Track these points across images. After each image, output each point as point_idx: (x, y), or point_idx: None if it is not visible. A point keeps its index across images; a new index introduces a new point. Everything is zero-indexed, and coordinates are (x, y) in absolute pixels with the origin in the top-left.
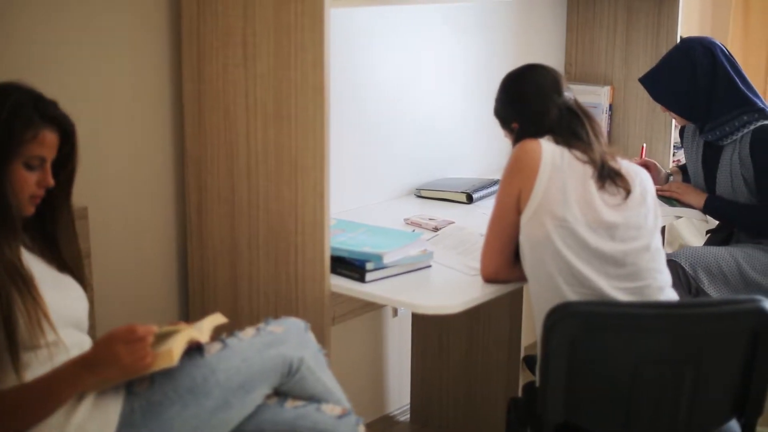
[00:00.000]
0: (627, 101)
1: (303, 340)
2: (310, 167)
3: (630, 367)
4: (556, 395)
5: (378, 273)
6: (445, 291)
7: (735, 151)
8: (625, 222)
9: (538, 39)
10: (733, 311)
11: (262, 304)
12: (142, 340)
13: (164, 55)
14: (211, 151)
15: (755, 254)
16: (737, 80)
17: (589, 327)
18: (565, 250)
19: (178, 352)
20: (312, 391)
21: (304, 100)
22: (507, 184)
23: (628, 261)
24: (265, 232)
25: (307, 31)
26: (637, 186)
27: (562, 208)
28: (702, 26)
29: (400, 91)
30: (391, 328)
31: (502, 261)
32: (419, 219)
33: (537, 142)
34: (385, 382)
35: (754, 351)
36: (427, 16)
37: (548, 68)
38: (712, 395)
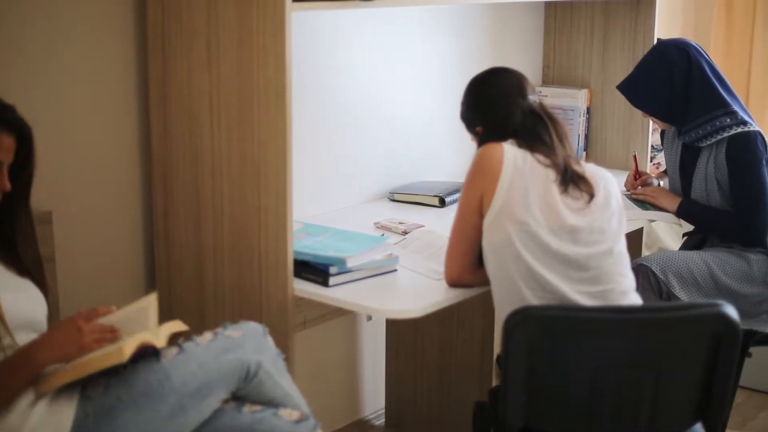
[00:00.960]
0: (604, 104)
1: (261, 344)
2: (273, 171)
3: (590, 372)
4: (517, 399)
5: (342, 277)
6: (409, 295)
7: (711, 155)
8: (588, 226)
9: (515, 42)
10: (694, 315)
11: (227, 308)
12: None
13: (130, 59)
14: (176, 155)
15: (728, 259)
16: (713, 80)
17: (547, 331)
18: (526, 253)
19: (129, 351)
20: (270, 395)
21: (266, 104)
22: (469, 188)
23: (591, 265)
24: (230, 236)
25: (269, 35)
26: (600, 190)
27: (524, 211)
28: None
29: (374, 95)
30: (365, 332)
31: (465, 265)
32: (389, 223)
33: (499, 145)
34: (360, 386)
35: (716, 355)
36: (401, 19)
37: (513, 71)
38: (673, 399)
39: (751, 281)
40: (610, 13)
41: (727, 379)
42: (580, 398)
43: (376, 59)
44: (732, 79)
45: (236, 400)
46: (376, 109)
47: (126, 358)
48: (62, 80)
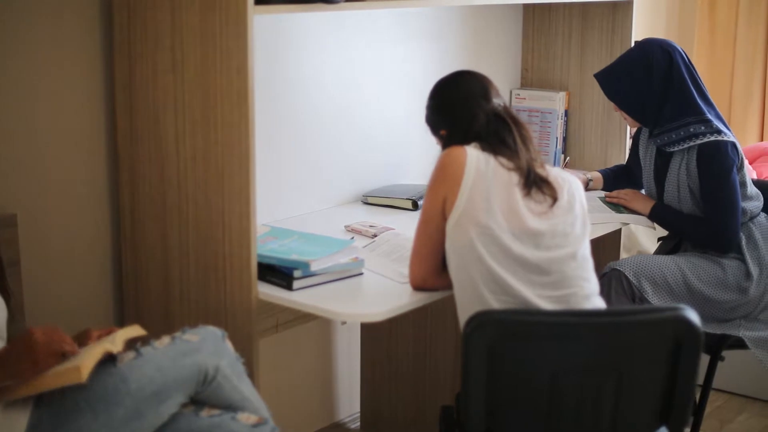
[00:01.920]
0: (583, 107)
1: (219, 348)
2: (236, 174)
3: (549, 376)
4: (477, 403)
5: (306, 281)
6: (373, 298)
7: (683, 161)
8: (551, 230)
9: (494, 45)
10: (655, 320)
11: (193, 311)
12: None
13: (96, 62)
14: (142, 157)
15: (701, 264)
16: (691, 87)
17: (506, 335)
18: (488, 257)
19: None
20: (229, 399)
21: (229, 106)
22: (432, 192)
23: (554, 269)
24: (195, 240)
25: (232, 37)
26: (564, 194)
27: (486, 215)
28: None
29: (347, 98)
30: (340, 335)
31: (429, 268)
32: (359, 226)
33: (462, 148)
34: (335, 389)
35: (678, 359)
36: (375, 22)
37: (477, 74)
38: (635, 404)
39: (724, 287)
40: (588, 16)
41: (690, 383)
42: (540, 402)
43: (351, 62)
44: (715, 82)
45: (195, 404)
46: (350, 113)
47: (84, 379)
48: (28, 84)
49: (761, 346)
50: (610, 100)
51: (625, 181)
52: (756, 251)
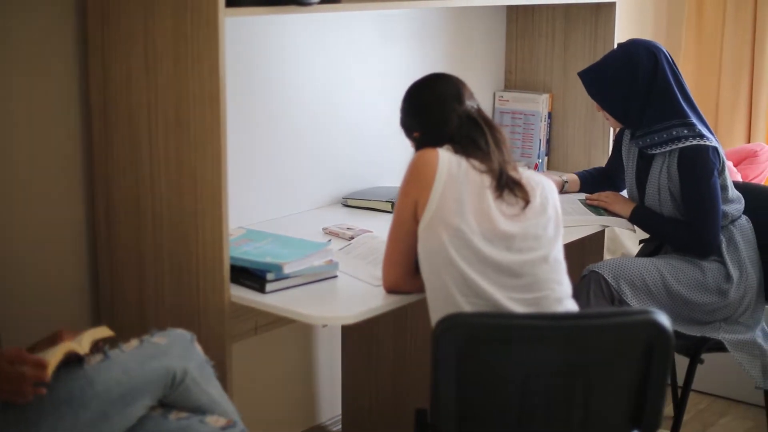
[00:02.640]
0: (566, 109)
1: (187, 351)
2: (209, 176)
3: (520, 379)
4: (448, 406)
5: (279, 283)
6: (345, 301)
7: (664, 165)
8: (523, 232)
9: (477, 47)
10: (625, 323)
11: (167, 314)
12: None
13: (71, 64)
14: (117, 160)
15: (680, 266)
16: (676, 89)
17: (476, 338)
18: (459, 260)
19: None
20: (197, 402)
21: (201, 109)
22: (404, 194)
23: (525, 272)
24: (169, 242)
25: (203, 40)
26: (537, 196)
27: (457, 218)
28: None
29: (328, 100)
30: (321, 337)
31: (402, 271)
32: (337, 228)
33: (434, 151)
34: (317, 392)
35: (649, 363)
36: (356, 23)
37: (450, 77)
38: (607, 407)
39: (704, 289)
40: (571, 18)
41: (661, 386)
42: (511, 405)
43: (331, 64)
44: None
45: (163, 407)
46: (330, 115)
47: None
48: (1, 87)
49: (741, 349)
50: (593, 99)
51: (603, 184)
52: (736, 254)
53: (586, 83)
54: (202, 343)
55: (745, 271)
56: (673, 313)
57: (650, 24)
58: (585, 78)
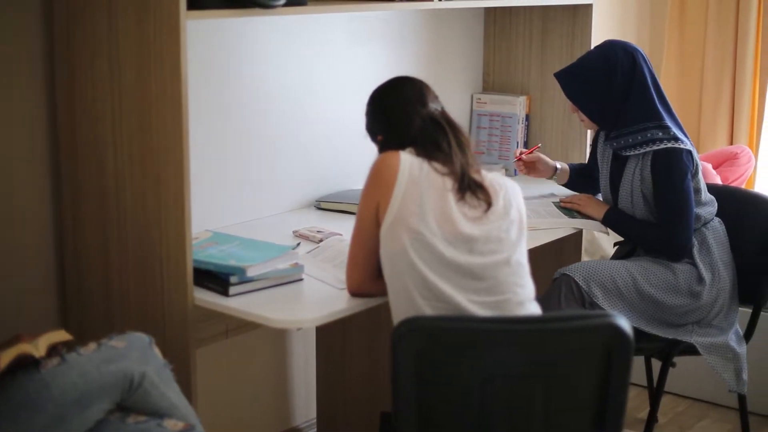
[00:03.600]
0: (543, 111)
1: (146, 355)
2: (172, 180)
3: (479, 382)
4: (408, 410)
5: (243, 287)
6: (308, 304)
7: (637, 167)
8: (485, 235)
9: (455, 49)
10: (584, 326)
11: (133, 317)
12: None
13: (38, 68)
14: (83, 164)
15: (652, 268)
16: (652, 91)
17: (434, 342)
18: (420, 263)
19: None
20: (155, 406)
21: (163, 112)
22: (366, 197)
23: (487, 275)
24: (134, 246)
25: (166, 43)
26: (500, 199)
27: (418, 220)
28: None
29: (302, 103)
30: (296, 340)
31: (365, 274)
32: (307, 231)
33: (396, 154)
34: (291, 394)
35: (609, 366)
36: (330, 25)
37: (414, 80)
38: (568, 410)
39: (676, 292)
40: (548, 20)
41: (623, 389)
42: (471, 409)
43: (305, 66)
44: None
45: (121, 411)
46: (304, 118)
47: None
48: None
49: (713, 352)
50: (570, 99)
51: (586, 182)
52: (709, 256)
53: (563, 84)
54: (166, 347)
55: (718, 273)
56: (645, 315)
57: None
58: (562, 79)
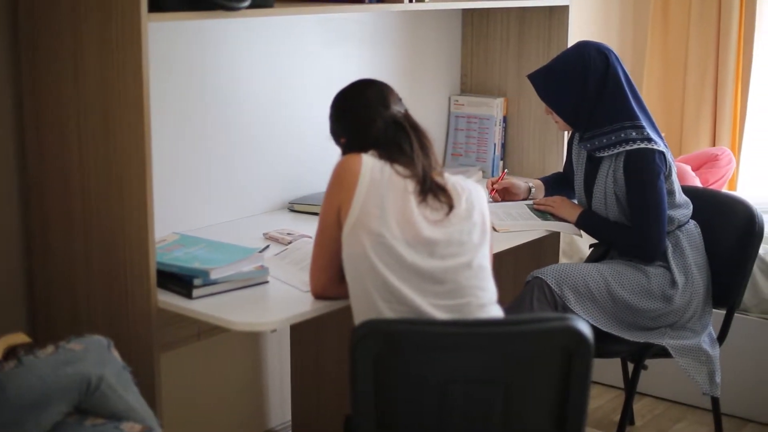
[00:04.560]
0: (521, 113)
1: (103, 357)
2: (135, 182)
3: (438, 386)
4: (367, 413)
5: (206, 289)
6: (271, 307)
7: (611, 168)
8: (446, 238)
9: (432, 51)
10: (542, 330)
11: (99, 320)
12: None
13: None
14: (49, 166)
15: (625, 271)
16: (626, 91)
17: (392, 345)
18: (381, 266)
19: None
20: (114, 409)
21: (126, 114)
22: (327, 200)
23: (448, 278)
24: (99, 249)
25: (127, 45)
26: (462, 201)
27: (379, 224)
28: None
29: (274, 104)
30: (270, 343)
31: (328, 277)
32: (277, 234)
33: (358, 156)
34: (266, 397)
35: (569, 369)
36: (301, 27)
37: (377, 82)
38: (528, 414)
39: (649, 295)
40: (525, 21)
41: (583, 392)
42: (430, 413)
43: (279, 68)
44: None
45: (79, 414)
46: (277, 119)
47: None
48: None
49: (686, 354)
50: (543, 101)
51: (564, 188)
52: (682, 259)
53: (536, 85)
54: (131, 349)
55: (691, 276)
56: (617, 318)
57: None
58: (535, 80)
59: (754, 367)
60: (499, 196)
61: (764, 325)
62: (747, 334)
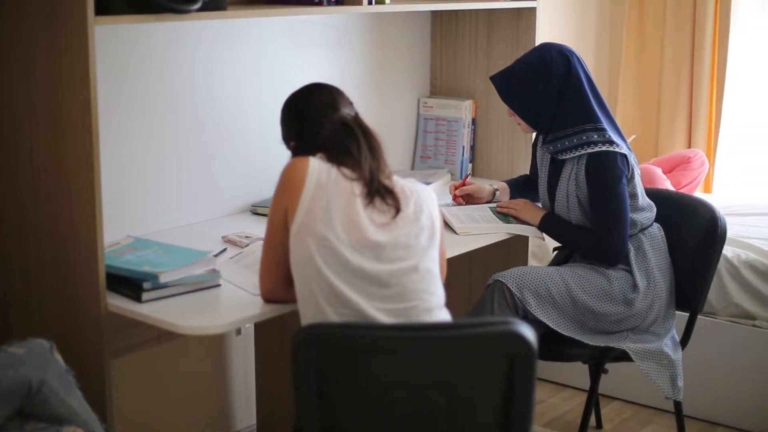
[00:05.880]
0: (489, 115)
1: (45, 361)
2: (84, 186)
3: (381, 391)
4: (311, 418)
5: (156, 293)
6: (220, 311)
7: (573, 170)
8: (393, 242)
9: (401, 53)
10: (485, 334)
11: (51, 322)
12: None
13: None
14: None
15: (586, 275)
16: (589, 93)
17: (333, 349)
18: (326, 270)
19: None
20: (55, 412)
21: (75, 118)
22: (274, 204)
23: (394, 282)
24: (51, 254)
25: (75, 48)
26: (411, 205)
27: (325, 227)
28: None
29: (238, 107)
30: (235, 346)
31: (277, 281)
32: (235, 236)
33: (305, 159)
34: (231, 401)
35: (513, 373)
36: (266, 29)
37: (327, 86)
38: (472, 418)
39: (610, 299)
40: (493, 23)
41: (527, 396)
42: (374, 418)
43: (242, 71)
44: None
45: (21, 417)
46: (241, 122)
47: None
48: None
49: (648, 358)
50: (506, 103)
51: (530, 191)
52: (644, 263)
53: (498, 87)
54: (81, 353)
55: (653, 280)
56: (578, 322)
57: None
58: (497, 82)
59: (723, 370)
60: (463, 200)
61: (732, 328)
62: (715, 338)
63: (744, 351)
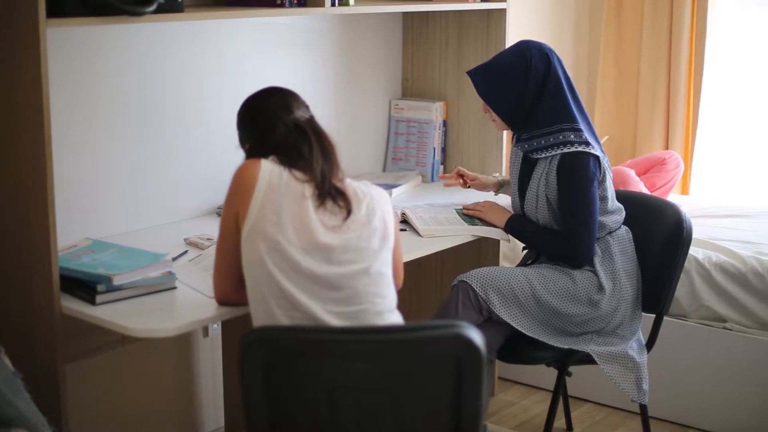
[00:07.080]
0: (460, 117)
1: None
2: (37, 188)
3: (326, 394)
4: (260, 422)
5: (110, 295)
6: (173, 313)
7: (545, 171)
8: (343, 244)
9: (373, 55)
10: (430, 337)
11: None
12: None
13: None
14: None
15: (551, 275)
16: (567, 93)
17: (280, 352)
18: (276, 272)
19: None
20: (2, 416)
21: (27, 121)
22: (226, 206)
23: (344, 284)
24: (5, 255)
25: (27, 51)
26: (363, 207)
27: (275, 229)
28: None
29: (204, 109)
30: (203, 348)
31: (230, 283)
32: (198, 239)
33: (256, 162)
34: (199, 403)
35: (460, 376)
36: (234, 30)
37: (282, 89)
38: (419, 422)
39: (574, 300)
40: (464, 25)
41: (475, 399)
42: (320, 421)
43: (206, 73)
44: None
45: None
46: (206, 123)
47: None
48: None
49: (612, 361)
50: (482, 98)
51: None
52: (611, 265)
53: (476, 82)
54: (35, 355)
55: (619, 282)
56: (543, 323)
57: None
58: (475, 76)
59: (694, 372)
60: (464, 184)
61: (702, 331)
62: (686, 340)
63: (715, 353)
